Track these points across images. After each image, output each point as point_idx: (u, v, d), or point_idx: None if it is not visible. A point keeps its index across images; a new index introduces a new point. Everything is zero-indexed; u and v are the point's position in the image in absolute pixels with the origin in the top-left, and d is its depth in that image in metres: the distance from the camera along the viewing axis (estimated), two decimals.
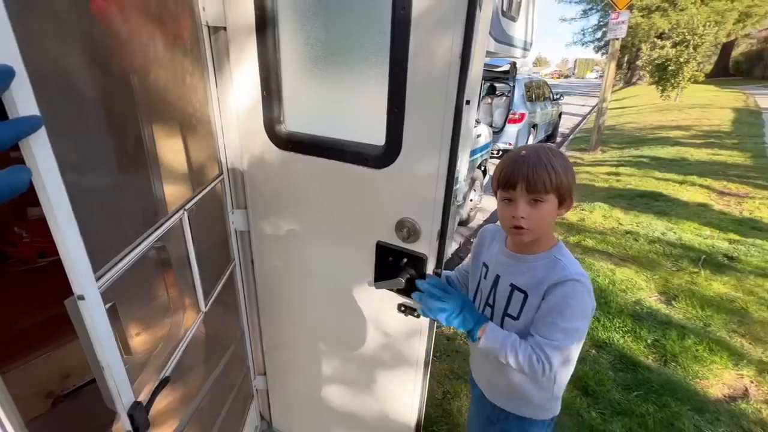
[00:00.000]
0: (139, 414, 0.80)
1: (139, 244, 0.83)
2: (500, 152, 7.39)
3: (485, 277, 1.10)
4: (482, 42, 2.37)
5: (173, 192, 1.00)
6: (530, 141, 8.07)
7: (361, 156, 1.06)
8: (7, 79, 0.47)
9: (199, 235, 1.07)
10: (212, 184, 1.18)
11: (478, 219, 5.16)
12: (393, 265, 1.10)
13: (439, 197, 0.98)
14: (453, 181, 0.96)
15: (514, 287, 1.00)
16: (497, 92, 8.07)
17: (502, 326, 1.02)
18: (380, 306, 1.20)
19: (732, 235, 4.10)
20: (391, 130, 0.98)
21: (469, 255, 1.24)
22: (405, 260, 1.08)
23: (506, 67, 7.00)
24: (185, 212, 1.01)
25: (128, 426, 0.79)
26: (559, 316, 0.90)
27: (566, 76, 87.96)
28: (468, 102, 2.65)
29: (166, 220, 0.94)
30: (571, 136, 11.10)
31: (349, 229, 1.16)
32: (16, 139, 0.49)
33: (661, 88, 14.77)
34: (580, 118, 14.89)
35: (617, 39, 7.59)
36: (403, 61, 0.91)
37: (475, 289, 1.14)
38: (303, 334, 1.43)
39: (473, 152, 4.29)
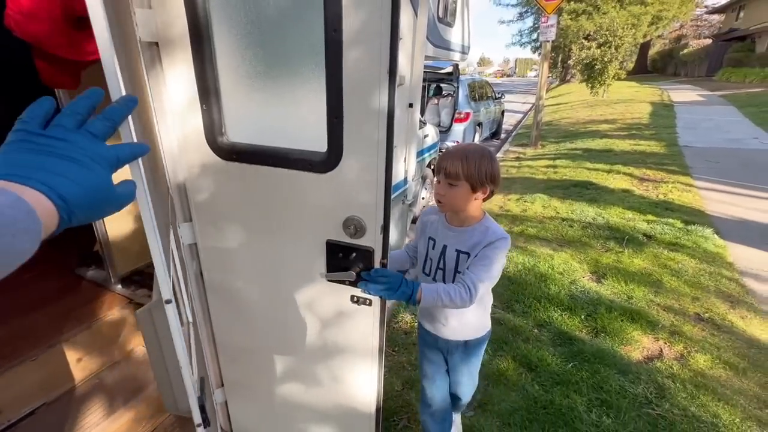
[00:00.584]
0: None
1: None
2: None
3: (433, 248, 1.42)
4: (420, 48, 2.52)
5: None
6: (476, 139, 8.47)
7: (306, 162, 1.12)
8: (132, 106, 0.61)
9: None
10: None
11: None
12: (343, 260, 1.18)
13: (380, 196, 1.08)
14: (391, 181, 1.07)
15: (459, 252, 1.34)
16: (443, 93, 8.38)
17: (453, 281, 1.34)
18: (334, 300, 1.27)
19: (650, 216, 4.63)
20: (332, 138, 1.06)
21: (415, 233, 1.55)
22: (354, 254, 1.17)
23: (449, 69, 7.29)
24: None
25: (199, 419, 0.89)
26: (486, 260, 1.26)
27: (508, 75, 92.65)
28: (411, 105, 2.78)
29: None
30: (513, 133, 11.79)
31: (299, 231, 1.22)
32: (132, 159, 0.60)
33: (590, 85, 16.06)
34: (521, 115, 15.82)
35: (548, 41, 8.19)
36: (337, 75, 0.99)
37: (424, 259, 1.46)
38: (259, 338, 1.46)
39: (421, 152, 4.47)
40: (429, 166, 4.98)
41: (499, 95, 10.59)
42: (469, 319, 1.46)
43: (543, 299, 3.06)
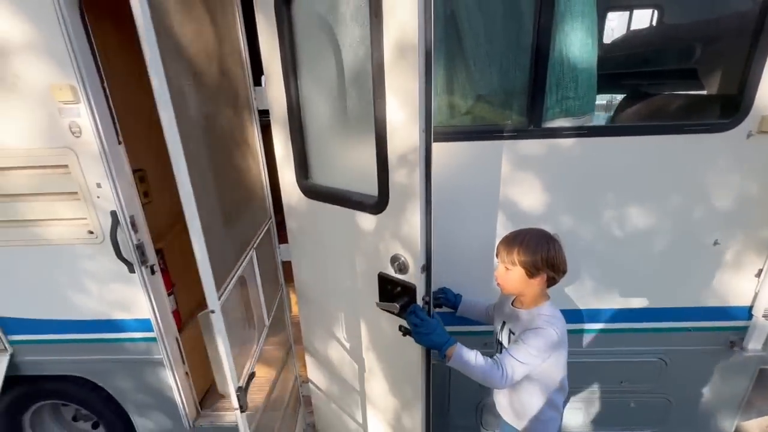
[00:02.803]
0: (242, 395, 1.19)
1: (235, 273, 1.21)
2: None
3: (498, 324, 1.45)
4: None
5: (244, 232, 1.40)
6: None
7: (362, 204, 1.32)
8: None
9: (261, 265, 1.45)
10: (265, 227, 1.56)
11: None
12: (391, 292, 1.34)
13: (422, 239, 1.19)
14: (431, 225, 1.19)
15: (511, 332, 1.34)
16: None
17: None
18: (387, 324, 1.43)
19: None
20: (381, 184, 1.24)
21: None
22: (399, 288, 1.30)
23: None
24: (254, 250, 1.40)
25: (236, 404, 1.16)
26: (520, 343, 1.23)
27: None
28: None
29: (246, 254, 1.33)
30: None
31: (359, 261, 1.42)
32: None
33: None
34: None
35: None
36: (382, 132, 1.16)
37: (496, 334, 1.47)
38: (334, 346, 1.72)
39: None
40: None
41: None
42: (526, 407, 1.36)
43: None
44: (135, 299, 1.73)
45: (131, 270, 1.66)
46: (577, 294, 1.70)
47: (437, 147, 1.32)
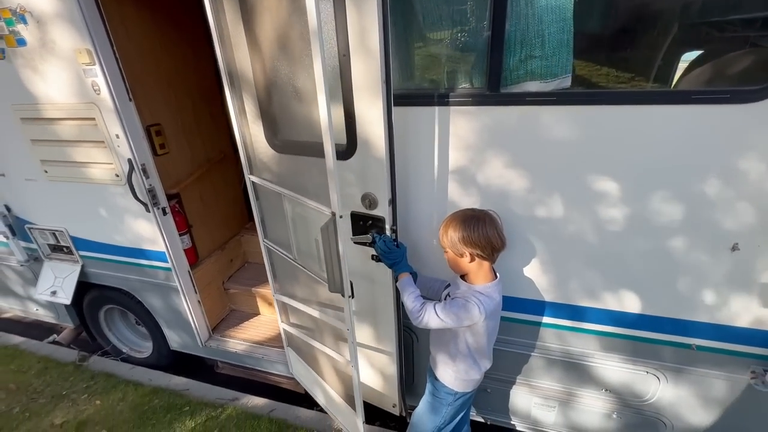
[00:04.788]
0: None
1: None
2: None
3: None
4: None
5: None
6: None
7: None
8: None
9: None
10: None
11: None
12: (363, 226, 1.47)
13: (387, 175, 1.32)
14: (394, 165, 1.32)
15: (448, 295, 1.46)
16: None
17: None
18: (363, 256, 1.55)
19: None
20: (349, 133, 1.33)
21: None
22: (370, 222, 1.45)
23: None
24: None
25: (350, 292, 1.40)
26: (448, 303, 1.34)
27: None
28: None
29: None
30: None
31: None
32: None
33: None
34: None
35: None
36: (348, 85, 1.24)
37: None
38: (310, 292, 1.84)
39: None
40: None
41: None
42: (447, 361, 1.48)
43: None
44: (155, 234, 2.07)
45: (147, 210, 1.99)
46: (549, 284, 1.52)
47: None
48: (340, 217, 1.25)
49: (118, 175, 1.93)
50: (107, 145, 1.86)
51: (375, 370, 1.87)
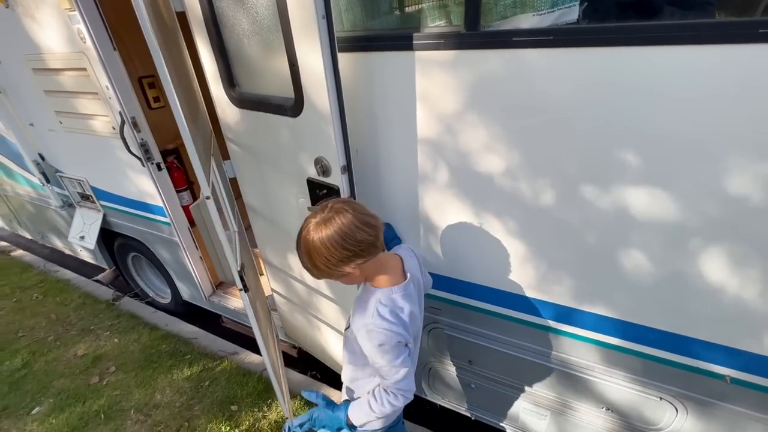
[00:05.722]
0: (244, 276, 1.31)
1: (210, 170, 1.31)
2: None
3: None
4: None
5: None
6: None
7: (283, 108, 1.23)
8: None
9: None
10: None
11: None
12: (320, 195, 1.29)
13: (337, 139, 1.12)
14: (345, 124, 1.11)
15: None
16: None
17: None
18: None
19: None
20: (294, 85, 1.14)
21: None
22: (325, 191, 1.27)
23: None
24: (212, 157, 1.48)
25: (240, 285, 1.30)
26: (368, 351, 0.99)
27: None
28: None
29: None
30: None
31: (291, 167, 1.36)
32: None
33: None
34: None
35: None
36: (287, 25, 1.04)
37: None
38: (284, 255, 1.75)
39: None
40: None
41: None
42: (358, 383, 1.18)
43: None
44: (153, 189, 2.09)
45: (142, 164, 1.99)
46: (538, 278, 1.24)
47: (343, 59, 1.08)
48: (207, 198, 1.06)
49: (114, 128, 1.94)
50: (101, 96, 1.85)
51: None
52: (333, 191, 1.23)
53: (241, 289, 1.31)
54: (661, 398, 1.24)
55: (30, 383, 2.27)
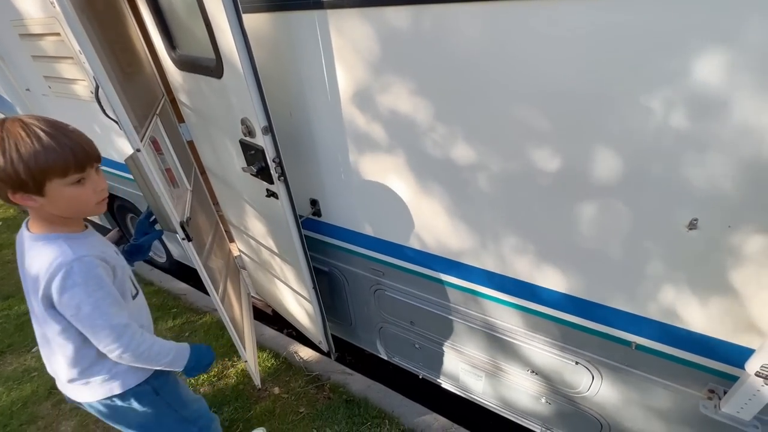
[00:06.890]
0: (186, 227, 1.36)
1: (148, 126, 1.41)
2: None
3: None
4: None
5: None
6: None
7: (209, 69, 1.26)
8: None
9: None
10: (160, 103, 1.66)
11: None
12: (251, 155, 1.33)
13: (254, 99, 1.14)
14: (261, 85, 1.13)
15: None
16: None
17: None
18: (259, 188, 1.45)
19: None
20: (213, 45, 1.15)
21: None
22: (253, 152, 1.30)
23: None
24: (157, 116, 1.55)
25: (182, 234, 1.35)
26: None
27: None
28: None
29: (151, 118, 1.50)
30: None
31: (227, 129, 1.40)
32: None
33: None
34: None
35: None
36: None
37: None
38: (241, 215, 1.84)
39: None
40: None
41: None
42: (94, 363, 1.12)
43: None
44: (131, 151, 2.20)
45: (120, 127, 2.09)
46: (459, 241, 1.26)
47: (252, 20, 1.09)
48: (138, 150, 1.12)
49: (92, 92, 2.03)
50: (76, 61, 1.93)
51: (301, 308, 1.86)
52: (260, 153, 1.27)
53: (183, 239, 1.38)
54: (576, 362, 1.26)
55: (32, 326, 2.51)
